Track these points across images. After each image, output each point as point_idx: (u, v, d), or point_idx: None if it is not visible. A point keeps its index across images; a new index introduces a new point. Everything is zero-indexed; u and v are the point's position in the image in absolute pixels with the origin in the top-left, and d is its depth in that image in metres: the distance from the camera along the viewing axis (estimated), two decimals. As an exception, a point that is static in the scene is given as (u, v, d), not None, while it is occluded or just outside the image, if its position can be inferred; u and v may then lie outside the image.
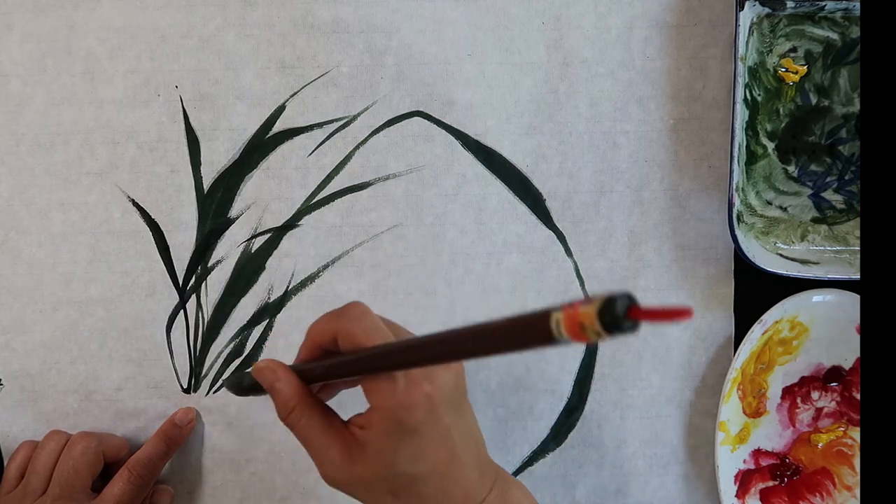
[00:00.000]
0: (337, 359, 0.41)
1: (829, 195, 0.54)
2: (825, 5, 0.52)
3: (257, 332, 0.55)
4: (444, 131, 0.54)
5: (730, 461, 0.55)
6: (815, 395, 0.56)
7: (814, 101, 0.53)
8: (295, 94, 0.54)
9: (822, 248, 0.54)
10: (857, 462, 0.55)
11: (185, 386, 0.55)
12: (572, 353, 0.55)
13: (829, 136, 0.54)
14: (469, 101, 0.54)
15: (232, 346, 0.55)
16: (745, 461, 0.55)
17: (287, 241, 0.54)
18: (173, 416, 0.54)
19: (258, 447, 0.55)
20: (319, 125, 0.54)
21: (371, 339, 0.39)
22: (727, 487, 0.55)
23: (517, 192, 0.54)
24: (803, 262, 0.53)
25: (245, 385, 0.46)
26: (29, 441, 0.54)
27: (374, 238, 0.55)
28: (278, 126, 0.54)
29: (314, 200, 0.54)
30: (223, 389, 0.55)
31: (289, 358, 0.54)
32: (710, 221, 0.55)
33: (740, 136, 0.51)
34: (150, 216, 0.54)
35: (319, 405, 0.42)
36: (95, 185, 0.54)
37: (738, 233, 0.51)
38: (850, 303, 0.53)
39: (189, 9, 0.53)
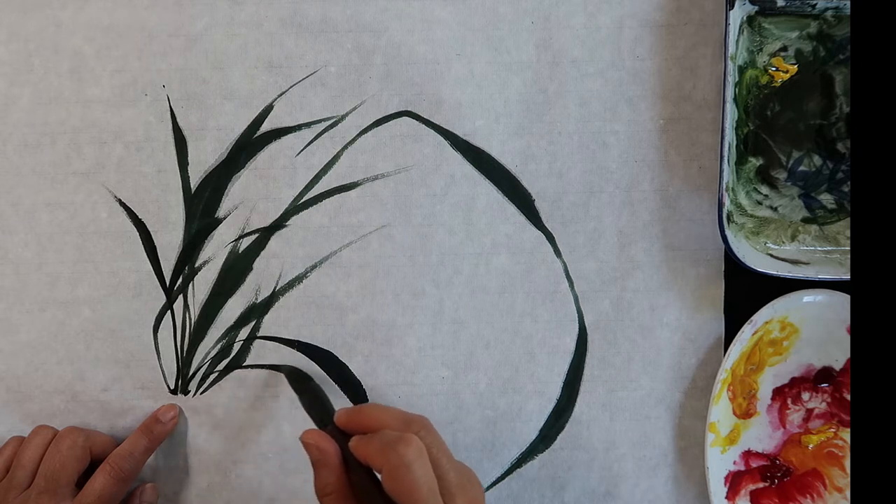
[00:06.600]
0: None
1: (819, 195, 0.54)
2: (816, 4, 0.51)
3: (244, 332, 0.54)
4: (432, 131, 0.54)
5: (720, 463, 0.55)
6: (805, 396, 0.56)
7: (804, 100, 0.53)
8: (283, 93, 0.53)
9: (812, 248, 0.54)
10: (847, 463, 0.55)
11: (172, 386, 0.55)
12: (561, 355, 0.55)
13: (819, 135, 0.53)
14: (458, 101, 0.53)
15: (219, 346, 0.55)
16: (735, 462, 0.55)
17: (275, 242, 0.54)
18: (156, 411, 0.54)
19: (245, 449, 0.55)
20: (307, 125, 0.54)
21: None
22: (717, 489, 0.54)
23: (506, 193, 0.54)
24: (794, 262, 0.53)
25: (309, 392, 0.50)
26: (16, 437, 0.54)
27: (362, 238, 0.54)
28: (266, 126, 0.54)
29: (302, 200, 0.54)
30: (210, 391, 0.54)
31: (277, 359, 0.54)
32: (700, 222, 0.54)
33: (730, 136, 0.51)
34: (137, 216, 0.54)
35: (353, 498, 0.44)
36: (82, 184, 0.54)
37: (728, 233, 0.51)
38: (841, 303, 0.53)
39: (177, 8, 0.53)
